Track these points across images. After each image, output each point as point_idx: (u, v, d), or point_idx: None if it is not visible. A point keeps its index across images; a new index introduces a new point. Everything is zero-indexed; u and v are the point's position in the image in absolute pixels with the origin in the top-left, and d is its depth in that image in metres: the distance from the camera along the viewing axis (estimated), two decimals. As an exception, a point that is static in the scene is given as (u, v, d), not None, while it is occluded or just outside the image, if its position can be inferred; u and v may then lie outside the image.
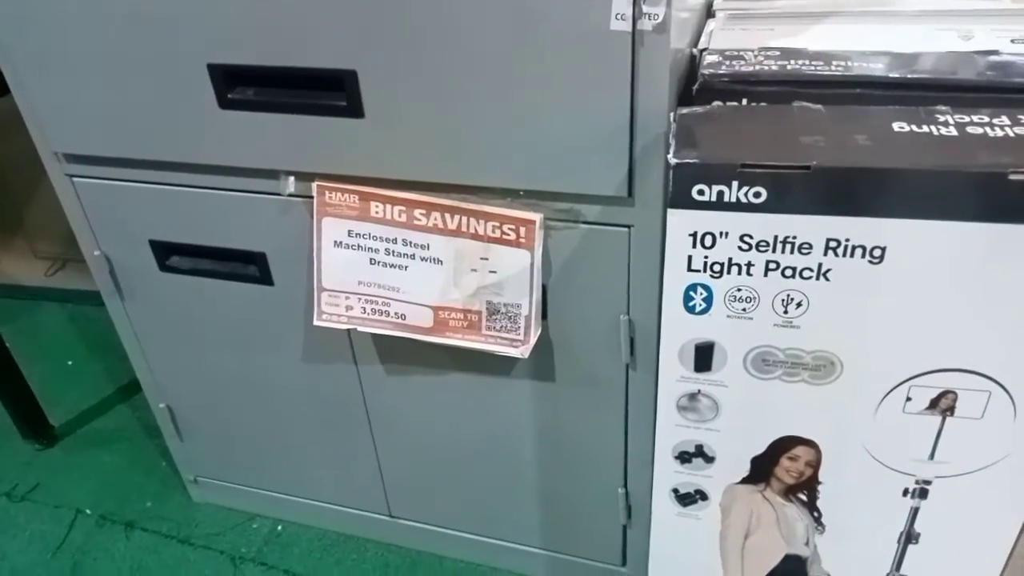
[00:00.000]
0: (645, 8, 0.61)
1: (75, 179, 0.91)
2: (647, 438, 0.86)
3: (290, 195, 0.82)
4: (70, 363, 1.59)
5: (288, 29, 0.71)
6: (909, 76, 0.63)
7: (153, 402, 1.13)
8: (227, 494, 1.20)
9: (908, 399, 0.60)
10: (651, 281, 0.75)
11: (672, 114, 0.63)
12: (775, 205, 0.54)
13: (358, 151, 0.76)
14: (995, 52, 0.68)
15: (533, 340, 0.81)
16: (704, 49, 0.76)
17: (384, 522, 1.12)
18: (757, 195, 0.54)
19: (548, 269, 0.79)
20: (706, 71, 0.69)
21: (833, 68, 0.67)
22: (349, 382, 0.97)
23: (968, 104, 0.60)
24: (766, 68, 0.68)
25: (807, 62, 0.69)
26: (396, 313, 0.84)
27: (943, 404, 0.60)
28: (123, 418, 1.44)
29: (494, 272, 0.79)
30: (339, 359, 0.95)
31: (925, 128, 0.55)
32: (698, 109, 0.62)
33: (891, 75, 0.64)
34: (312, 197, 0.81)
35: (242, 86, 0.77)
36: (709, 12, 0.88)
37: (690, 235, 0.57)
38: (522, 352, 0.82)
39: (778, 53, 0.72)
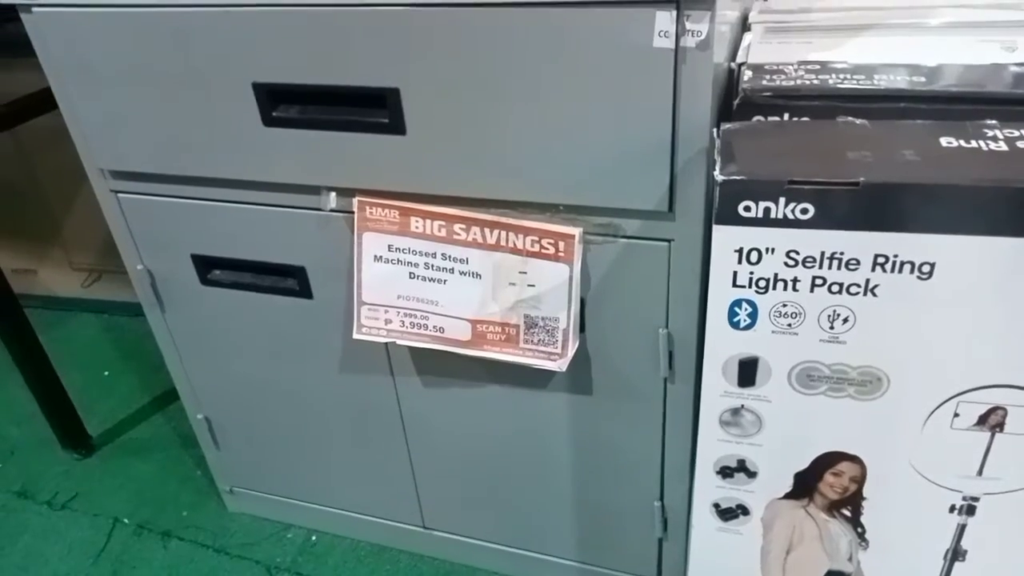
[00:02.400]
0: (689, 25, 0.61)
1: (120, 195, 0.93)
2: (684, 451, 0.86)
3: (331, 210, 0.83)
4: (106, 373, 1.62)
5: (332, 48, 0.72)
6: (953, 89, 0.63)
7: (191, 413, 1.15)
8: (262, 504, 1.22)
9: (956, 415, 0.60)
10: (691, 294, 0.75)
11: (715, 129, 0.63)
12: (822, 221, 0.54)
13: (399, 167, 0.77)
14: (1040, 64, 0.67)
15: (571, 353, 0.82)
16: (743, 63, 0.76)
17: (418, 533, 1.12)
18: (804, 211, 0.54)
19: (587, 282, 0.79)
20: (747, 86, 0.69)
21: (876, 82, 0.66)
22: (385, 394, 0.98)
23: (1016, 117, 0.59)
24: (807, 82, 0.68)
25: (848, 76, 0.69)
26: (435, 326, 0.85)
27: (992, 420, 0.59)
28: (159, 428, 1.46)
29: (532, 286, 0.80)
30: (376, 371, 0.96)
31: (974, 143, 0.55)
32: (741, 124, 0.62)
33: (935, 88, 0.64)
34: (353, 212, 0.82)
35: (286, 104, 0.78)
36: (745, 25, 0.88)
37: (736, 251, 0.57)
38: (560, 366, 0.82)
39: (818, 67, 0.72)
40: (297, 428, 1.08)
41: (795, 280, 0.57)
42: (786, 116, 0.67)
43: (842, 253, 0.55)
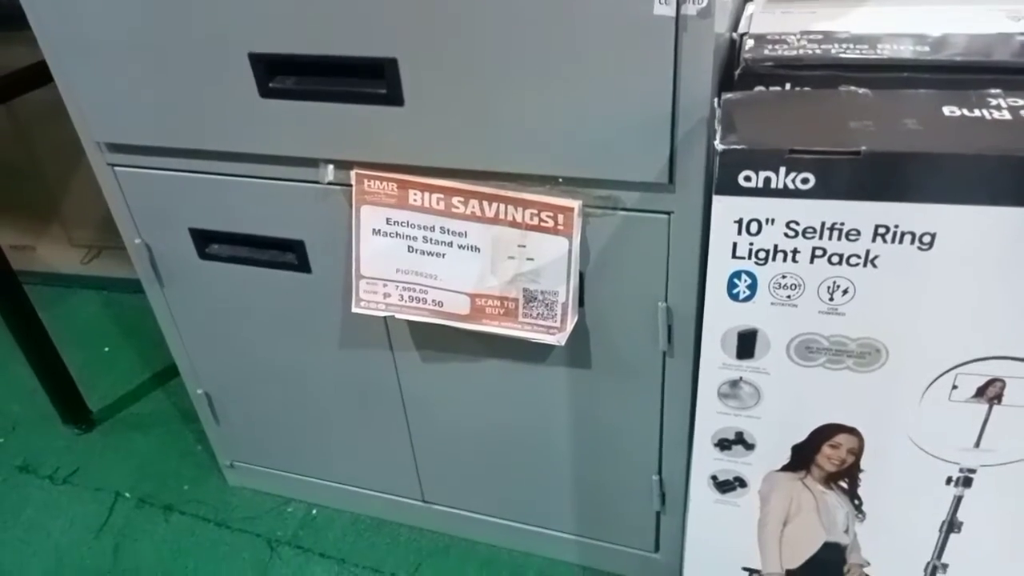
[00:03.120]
0: (689, -8, 0.60)
1: (116, 168, 0.93)
2: (683, 425, 0.87)
3: (329, 183, 0.83)
4: (106, 349, 1.62)
5: (329, 18, 0.71)
6: (958, 59, 0.62)
7: (191, 388, 1.15)
8: (262, 478, 1.22)
9: (954, 387, 0.60)
10: (690, 268, 0.75)
11: (716, 99, 0.62)
12: (823, 191, 0.53)
13: (397, 139, 0.77)
14: (1046, 34, 0.67)
15: (570, 327, 0.82)
16: (744, 33, 0.75)
17: (417, 507, 1.13)
18: (805, 181, 0.53)
19: (586, 256, 0.79)
20: (748, 55, 0.68)
21: (879, 51, 0.66)
22: (385, 368, 0.98)
23: (1020, 87, 0.59)
24: (809, 52, 0.67)
25: (851, 45, 0.68)
26: (433, 300, 0.85)
27: (990, 392, 0.59)
28: (159, 403, 1.47)
29: (531, 260, 0.80)
30: (375, 346, 0.96)
31: (977, 112, 0.54)
32: (742, 94, 0.61)
33: (938, 57, 0.63)
34: (351, 185, 0.82)
35: (283, 75, 0.77)
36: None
37: (735, 222, 0.57)
38: (558, 339, 0.82)
39: (821, 37, 0.71)
40: (297, 403, 1.08)
41: (795, 251, 0.57)
42: (788, 86, 0.66)
43: (842, 223, 0.55)
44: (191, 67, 0.79)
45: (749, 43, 0.69)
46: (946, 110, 0.55)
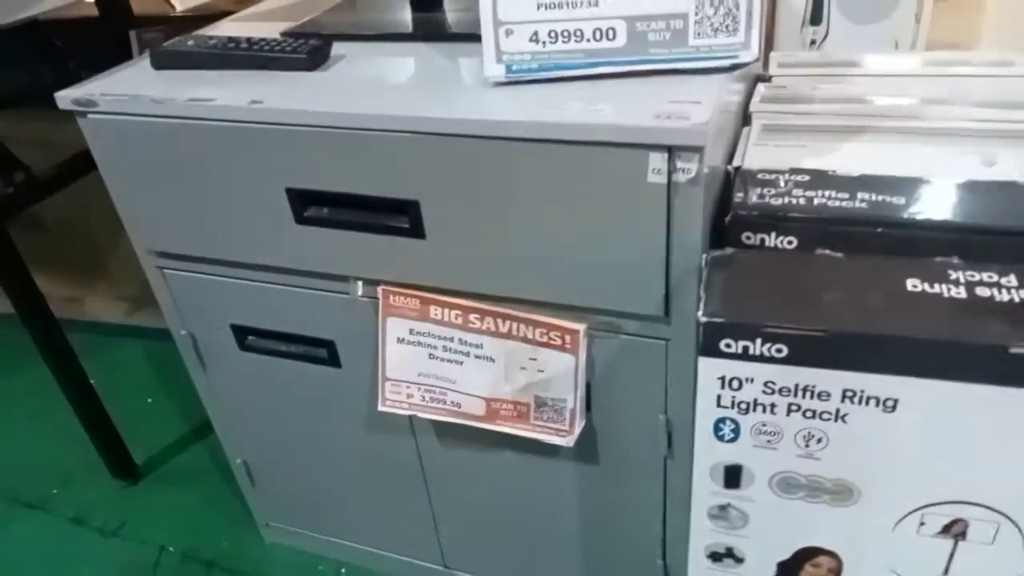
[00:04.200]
0: (680, 164, 0.67)
1: (165, 270, 1.02)
2: (684, 517, 0.93)
3: (358, 296, 0.91)
4: (149, 400, 1.72)
5: (359, 164, 0.79)
6: (927, 219, 0.68)
7: (231, 457, 1.24)
8: (296, 538, 1.31)
9: (922, 523, 0.65)
10: (687, 385, 0.82)
11: (704, 257, 0.69)
12: (795, 359, 0.60)
13: (420, 265, 0.84)
14: (1013, 184, 0.72)
15: (578, 431, 0.88)
16: (738, 168, 0.82)
17: (439, 572, 1.20)
18: (779, 350, 0.60)
19: (592, 369, 0.86)
20: (738, 202, 0.75)
21: (858, 204, 0.72)
22: (408, 451, 1.06)
23: (981, 249, 0.65)
24: (795, 202, 0.73)
25: (834, 193, 0.74)
26: (452, 402, 0.92)
27: (955, 530, 0.65)
28: (199, 456, 1.56)
29: (542, 371, 0.87)
30: (399, 432, 1.04)
31: (937, 288, 0.60)
32: (726, 258, 0.68)
33: (908, 215, 0.69)
34: (378, 298, 0.90)
35: (316, 206, 0.85)
36: (746, 114, 0.93)
37: (719, 378, 0.63)
38: (567, 441, 0.89)
39: (808, 179, 0.77)
40: (327, 474, 1.16)
41: (773, 405, 0.63)
42: (773, 234, 0.73)
43: (814, 386, 0.61)
44: (233, 195, 0.88)
45: (739, 192, 0.75)
46: (909, 284, 0.61)
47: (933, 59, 1.02)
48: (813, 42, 1.84)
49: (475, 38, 0.77)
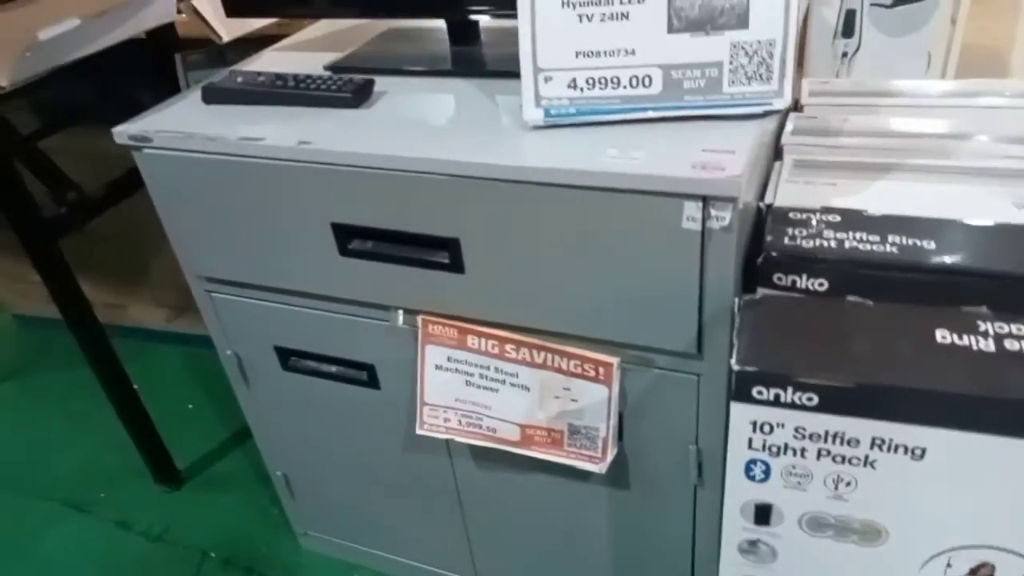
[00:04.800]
0: (713, 212, 0.69)
1: (212, 294, 1.06)
2: (713, 542, 0.95)
3: (399, 325, 0.94)
4: (190, 406, 1.78)
5: (402, 203, 0.82)
6: (957, 264, 0.70)
7: (271, 469, 1.28)
8: (332, 547, 1.35)
9: (949, 565, 0.67)
10: (718, 418, 0.84)
11: (736, 301, 0.71)
12: (825, 408, 0.62)
13: (459, 298, 0.87)
14: (1046, 228, 0.73)
15: (610, 458, 0.91)
16: (770, 205, 0.83)
17: (471, 584, 1.24)
18: (810, 399, 0.62)
19: (624, 399, 0.88)
20: (770, 241, 0.76)
21: (888, 248, 0.73)
22: (443, 470, 1.09)
23: (1011, 297, 0.66)
24: (826, 244, 0.75)
25: (865, 236, 0.76)
26: (488, 427, 0.96)
27: (982, 573, 0.66)
28: (239, 463, 1.62)
29: (575, 400, 0.89)
30: (435, 452, 1.07)
31: (965, 340, 0.62)
32: (758, 303, 0.70)
33: (941, 260, 0.70)
34: (417, 326, 0.93)
35: (360, 239, 0.88)
36: (778, 147, 0.95)
37: (751, 423, 0.65)
38: (600, 468, 0.92)
39: (838, 219, 0.79)
40: (363, 488, 1.20)
41: (803, 449, 0.65)
42: (804, 276, 0.74)
43: (844, 432, 0.63)
44: (280, 228, 0.91)
45: (769, 234, 0.76)
46: (938, 335, 0.63)
47: (964, 89, 1.02)
48: (845, 54, 1.84)
49: (513, 75, 0.79)
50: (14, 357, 2.06)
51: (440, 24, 1.05)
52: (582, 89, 0.76)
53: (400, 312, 0.93)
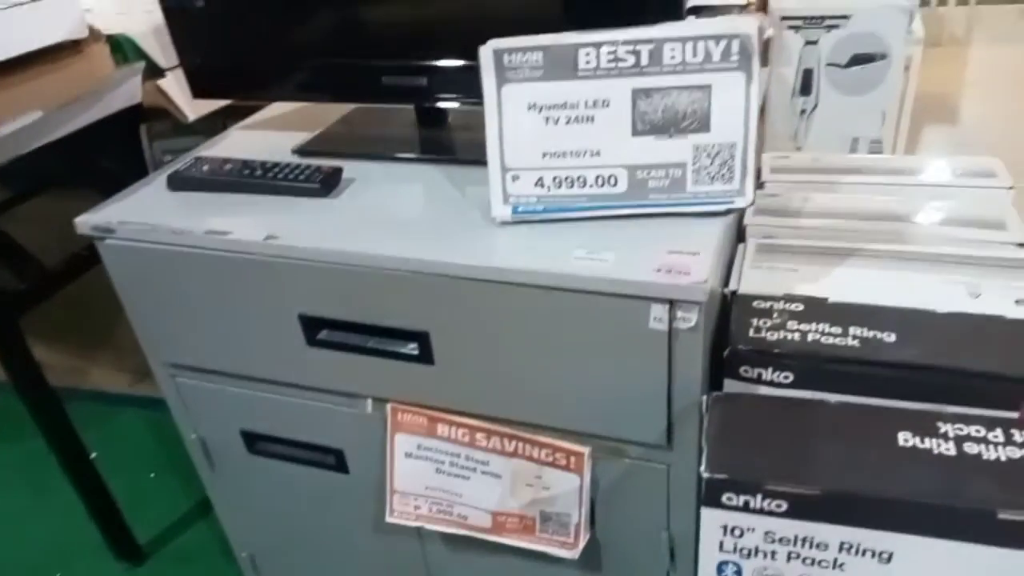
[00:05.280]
0: (680, 314, 0.70)
1: (177, 379, 1.04)
2: (687, 625, 0.95)
3: (367, 412, 0.93)
4: (152, 475, 1.73)
5: (370, 298, 0.82)
6: (916, 360, 0.72)
7: (236, 550, 1.25)
8: (300, 626, 1.32)
9: (918, 663, 0.68)
10: (688, 505, 0.84)
11: (704, 400, 0.72)
12: (794, 514, 0.63)
13: (428, 388, 0.87)
14: (999, 318, 0.76)
15: (582, 544, 0.91)
16: (735, 292, 0.85)
17: (444, 664, 1.21)
18: (779, 505, 0.63)
19: (596, 487, 0.88)
20: (735, 331, 0.78)
21: (850, 340, 0.75)
22: (414, 554, 1.07)
23: (969, 393, 0.68)
24: (789, 337, 0.76)
25: (827, 327, 0.77)
26: (459, 514, 0.95)
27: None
28: (203, 535, 1.57)
29: (547, 488, 0.89)
30: (406, 536, 1.05)
31: (926, 443, 0.63)
32: (726, 403, 0.71)
33: (898, 357, 0.72)
34: (387, 414, 0.92)
35: (328, 330, 0.88)
36: (740, 228, 0.97)
37: (721, 527, 0.66)
38: (572, 554, 0.91)
39: (801, 308, 0.81)
40: (333, 572, 1.18)
41: (773, 552, 0.65)
42: (770, 369, 0.76)
43: (813, 537, 0.63)
44: (246, 318, 0.90)
45: (735, 324, 0.78)
46: (900, 438, 0.64)
47: (914, 166, 1.06)
48: (803, 111, 1.90)
49: (482, 163, 0.80)
50: (-34, 425, 1.99)
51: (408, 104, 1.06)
52: (549, 188, 0.77)
53: (369, 400, 0.93)
